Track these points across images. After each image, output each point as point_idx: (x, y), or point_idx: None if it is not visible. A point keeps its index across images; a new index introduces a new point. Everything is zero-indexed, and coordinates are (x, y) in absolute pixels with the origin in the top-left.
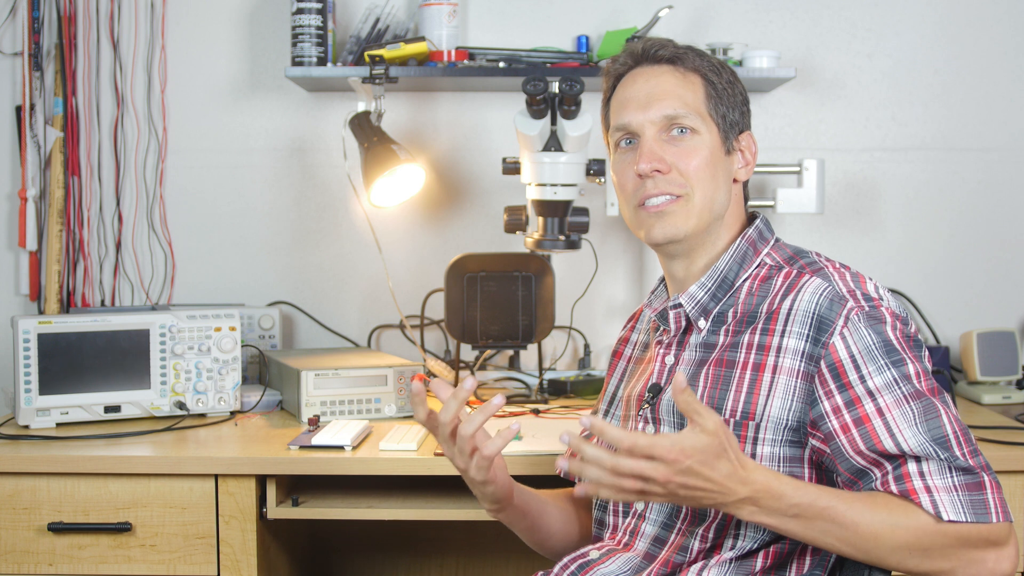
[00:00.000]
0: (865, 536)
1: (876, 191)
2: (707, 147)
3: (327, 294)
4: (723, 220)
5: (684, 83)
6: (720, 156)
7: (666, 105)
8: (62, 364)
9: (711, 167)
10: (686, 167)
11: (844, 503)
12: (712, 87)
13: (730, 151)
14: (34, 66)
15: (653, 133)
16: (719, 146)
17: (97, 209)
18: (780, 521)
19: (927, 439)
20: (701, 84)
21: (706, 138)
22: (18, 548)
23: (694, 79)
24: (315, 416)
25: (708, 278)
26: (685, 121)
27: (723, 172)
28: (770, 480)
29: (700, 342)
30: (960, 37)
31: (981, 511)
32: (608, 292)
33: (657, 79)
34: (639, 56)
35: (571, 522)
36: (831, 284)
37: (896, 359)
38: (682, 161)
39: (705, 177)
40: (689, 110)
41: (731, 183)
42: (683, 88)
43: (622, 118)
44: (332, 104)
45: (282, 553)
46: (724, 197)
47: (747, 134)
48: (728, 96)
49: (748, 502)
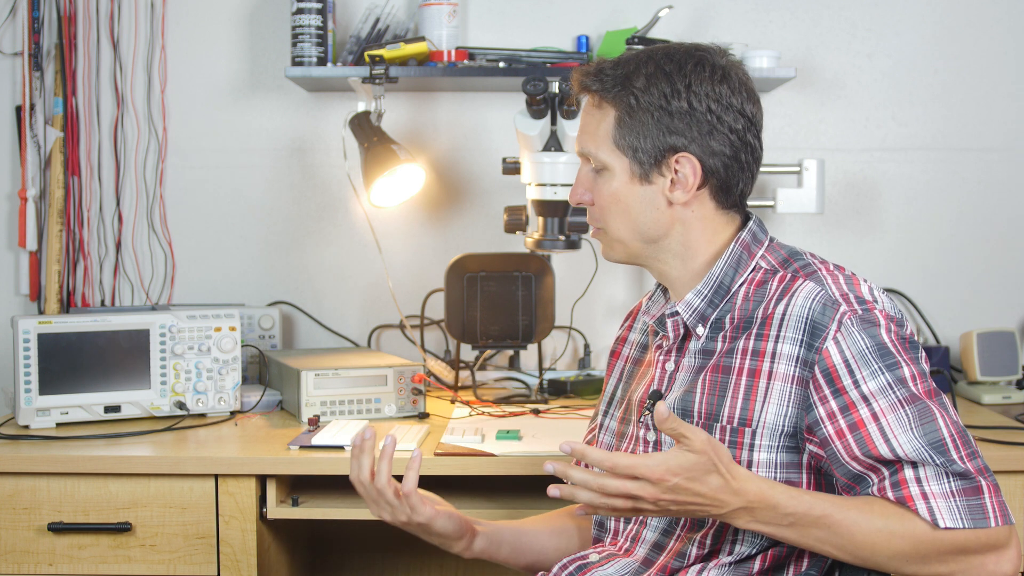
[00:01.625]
0: (862, 544)
1: (876, 191)
2: (615, 181)
3: (327, 294)
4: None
5: (598, 115)
6: (632, 188)
7: (582, 140)
8: (62, 364)
9: (619, 202)
10: (598, 203)
11: (840, 511)
12: (627, 115)
13: (648, 179)
14: (34, 66)
15: (586, 167)
16: (628, 179)
17: (97, 209)
18: (776, 530)
19: (922, 444)
20: (613, 115)
21: (615, 172)
22: (18, 548)
23: (607, 110)
24: (315, 416)
25: (704, 285)
26: (595, 157)
27: (639, 202)
28: (764, 490)
29: (699, 349)
30: (960, 37)
31: (979, 516)
32: (608, 292)
33: (585, 111)
34: (579, 84)
35: (571, 538)
36: (824, 288)
37: (890, 363)
38: (596, 197)
39: (614, 212)
40: (597, 146)
41: (663, 208)
42: (597, 121)
43: None
44: (332, 104)
45: (282, 553)
46: (650, 226)
47: (684, 155)
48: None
49: (743, 512)
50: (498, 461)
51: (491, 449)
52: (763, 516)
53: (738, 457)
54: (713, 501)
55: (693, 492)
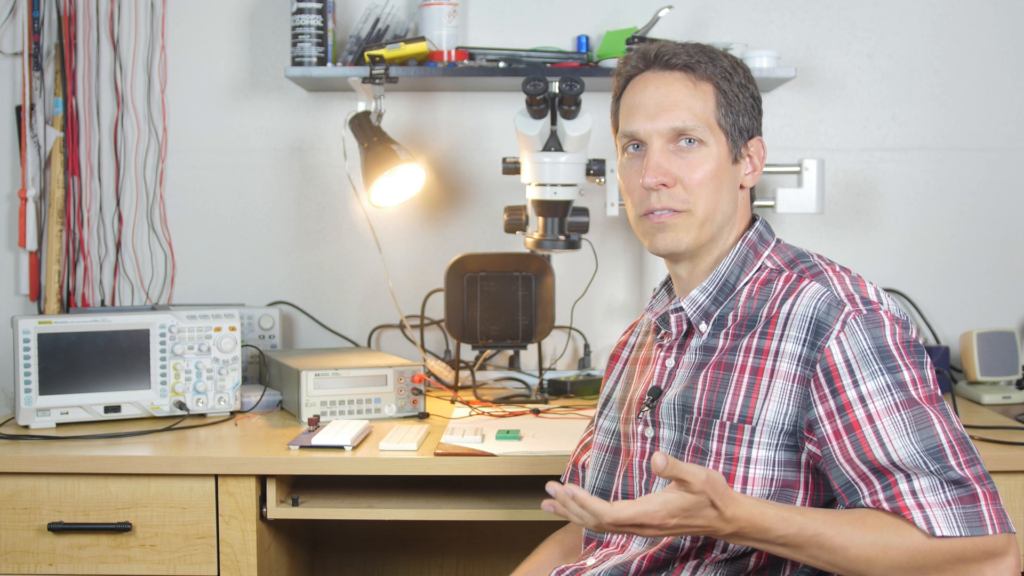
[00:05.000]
0: (856, 559)
1: (876, 191)
2: (713, 159)
3: (327, 294)
4: (729, 225)
5: (695, 92)
6: (727, 166)
7: (675, 116)
8: (62, 364)
9: (716, 179)
10: (691, 181)
11: (832, 528)
12: (723, 95)
13: (737, 159)
14: (34, 66)
15: (660, 145)
16: (726, 156)
17: (97, 209)
18: (769, 548)
19: (917, 449)
20: (712, 93)
21: (713, 149)
22: (18, 548)
23: (706, 88)
24: (315, 416)
25: (710, 282)
26: (694, 133)
27: (728, 182)
28: (754, 516)
29: (700, 345)
30: (960, 37)
31: (976, 524)
32: (608, 292)
33: (668, 87)
34: (651, 60)
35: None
36: (830, 288)
37: (891, 365)
38: (687, 174)
39: (709, 190)
40: (698, 121)
41: (737, 191)
42: (693, 98)
43: (630, 125)
44: (332, 104)
45: (282, 553)
46: (728, 207)
47: (756, 140)
48: (739, 102)
49: (735, 536)
50: (498, 461)
51: (491, 449)
52: (755, 537)
53: (736, 454)
54: (707, 529)
55: (689, 526)
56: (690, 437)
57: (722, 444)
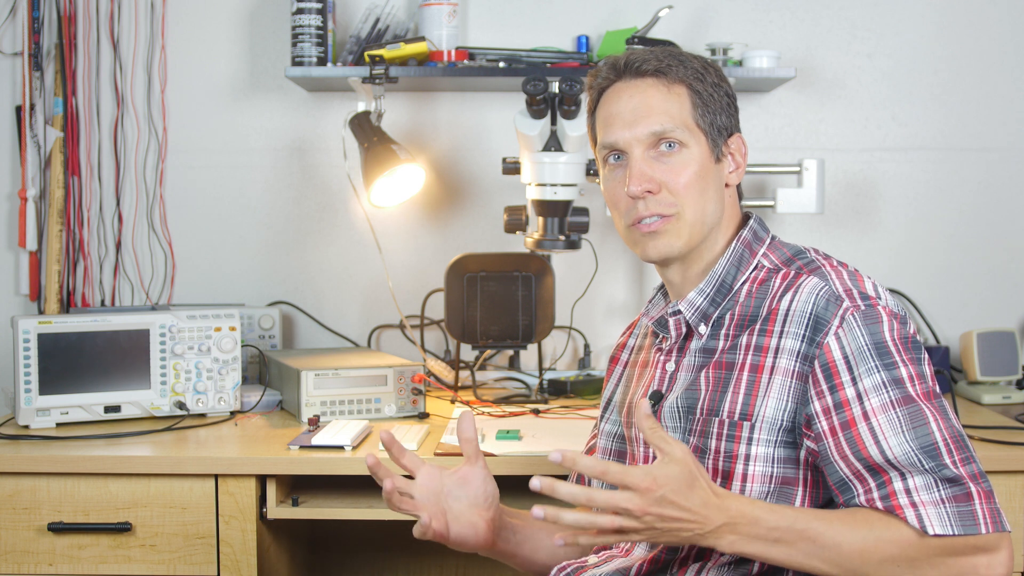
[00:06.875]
0: (850, 554)
1: (876, 191)
2: (696, 160)
3: (327, 294)
4: (719, 225)
5: (669, 96)
6: (710, 166)
7: (653, 121)
8: (62, 364)
9: (701, 181)
10: (676, 185)
11: (824, 523)
12: (698, 96)
13: (720, 158)
14: (34, 66)
15: (641, 152)
16: (708, 156)
17: (97, 209)
18: (762, 548)
19: (912, 447)
20: (687, 95)
21: (695, 151)
22: (18, 548)
23: (679, 90)
24: (315, 416)
25: (707, 284)
26: (673, 135)
27: (713, 182)
28: (744, 506)
29: (700, 347)
30: (960, 37)
31: (969, 523)
32: (608, 292)
33: (642, 94)
34: (621, 70)
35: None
36: (828, 283)
37: (888, 362)
38: (672, 179)
39: (695, 192)
40: (676, 124)
41: (723, 190)
42: (668, 102)
43: (609, 136)
44: (332, 104)
45: (282, 553)
46: (716, 207)
47: (736, 137)
48: (715, 101)
49: (726, 529)
50: (498, 461)
51: (491, 449)
52: (747, 531)
53: (735, 451)
54: (697, 516)
55: (679, 507)
56: (692, 437)
57: (721, 442)
